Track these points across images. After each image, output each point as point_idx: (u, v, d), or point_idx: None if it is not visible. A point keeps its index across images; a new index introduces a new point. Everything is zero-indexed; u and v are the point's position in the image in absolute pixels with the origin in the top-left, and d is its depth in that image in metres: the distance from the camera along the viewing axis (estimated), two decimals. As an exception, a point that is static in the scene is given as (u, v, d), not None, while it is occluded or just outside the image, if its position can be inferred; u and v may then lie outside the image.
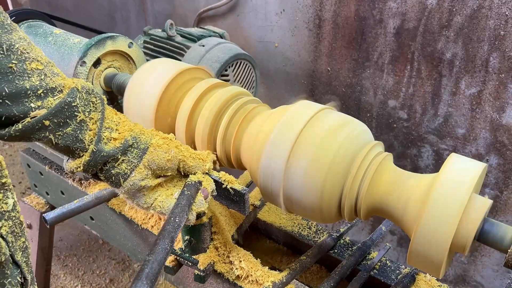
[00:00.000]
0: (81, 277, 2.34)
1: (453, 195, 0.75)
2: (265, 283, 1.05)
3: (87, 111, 0.81)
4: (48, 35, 1.37)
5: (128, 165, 0.85)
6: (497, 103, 1.41)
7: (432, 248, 0.76)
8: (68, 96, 0.78)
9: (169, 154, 0.88)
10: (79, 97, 0.79)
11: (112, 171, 0.84)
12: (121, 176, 0.85)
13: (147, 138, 0.88)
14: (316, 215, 0.94)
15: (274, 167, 0.93)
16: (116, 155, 0.83)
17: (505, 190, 1.52)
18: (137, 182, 0.86)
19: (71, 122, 0.79)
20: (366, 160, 0.89)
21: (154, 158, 0.87)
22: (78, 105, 0.79)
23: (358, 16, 1.58)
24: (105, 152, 0.82)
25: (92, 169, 0.83)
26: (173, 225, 0.79)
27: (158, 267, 0.70)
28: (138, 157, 0.85)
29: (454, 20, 1.39)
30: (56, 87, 0.77)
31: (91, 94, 0.83)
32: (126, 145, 0.84)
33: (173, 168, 0.90)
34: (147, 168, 0.87)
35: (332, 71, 1.75)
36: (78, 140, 0.81)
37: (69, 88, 0.79)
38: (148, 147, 0.87)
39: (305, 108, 0.96)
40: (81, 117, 0.80)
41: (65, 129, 0.79)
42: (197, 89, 1.10)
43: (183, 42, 1.61)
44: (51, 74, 0.78)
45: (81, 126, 0.81)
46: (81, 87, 0.81)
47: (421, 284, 1.10)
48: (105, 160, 0.83)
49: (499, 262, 1.65)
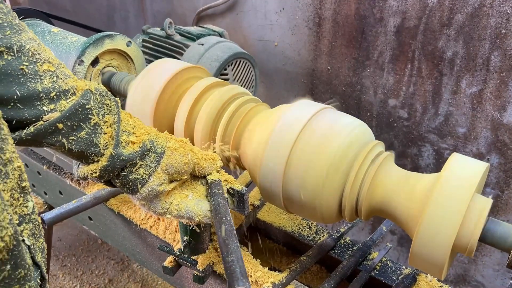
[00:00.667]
0: (80, 277, 2.33)
1: (455, 195, 0.74)
2: (265, 283, 1.04)
3: (101, 114, 0.78)
4: (45, 33, 1.36)
5: (146, 170, 0.81)
6: (498, 102, 1.40)
7: (434, 249, 0.76)
8: (82, 98, 0.75)
9: (186, 157, 0.86)
10: (93, 99, 0.76)
11: (130, 176, 0.81)
12: (138, 182, 0.81)
13: (164, 142, 0.85)
14: (316, 215, 0.93)
15: (274, 167, 0.92)
16: (135, 160, 0.80)
17: (506, 189, 1.51)
18: (156, 188, 0.83)
19: (85, 126, 0.76)
20: (367, 160, 0.88)
21: (172, 162, 0.84)
22: (92, 108, 0.76)
23: (358, 14, 1.57)
24: (124, 156, 0.79)
25: (108, 175, 0.80)
26: (229, 224, 0.77)
27: (243, 264, 0.68)
28: (156, 162, 0.83)
29: (455, 18, 1.38)
30: (69, 89, 0.74)
31: (105, 96, 0.80)
32: (144, 149, 0.81)
33: (188, 171, 0.88)
34: (165, 172, 0.84)
35: (332, 70, 1.74)
36: (93, 144, 0.77)
37: (82, 90, 0.76)
38: (165, 151, 0.84)
39: (305, 107, 0.95)
40: (95, 120, 0.77)
41: (79, 133, 0.76)
42: (196, 88, 1.09)
43: (182, 41, 1.60)
44: (63, 76, 0.75)
45: (96, 129, 0.77)
46: (95, 89, 0.78)
47: (422, 285, 1.09)
48: (123, 165, 0.79)
49: (500, 262, 1.64)
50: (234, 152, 1.05)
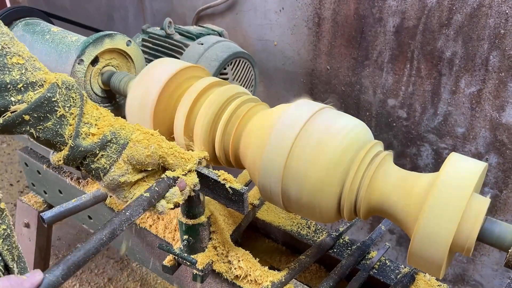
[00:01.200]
0: (79, 276, 2.33)
1: (454, 195, 0.75)
2: (264, 282, 1.05)
3: (67, 106, 0.82)
4: (45, 33, 1.36)
5: (108, 160, 0.86)
6: (497, 102, 1.41)
7: (433, 248, 0.76)
8: (48, 91, 0.79)
9: (148, 149, 0.88)
10: (59, 92, 0.81)
11: (91, 165, 0.86)
12: (100, 171, 0.86)
13: (127, 133, 0.88)
14: (315, 215, 0.94)
15: (273, 166, 0.92)
16: (94, 150, 0.84)
17: (504, 189, 1.51)
18: (117, 178, 0.87)
19: (51, 117, 0.80)
20: (366, 160, 0.88)
21: (133, 153, 0.87)
22: (58, 100, 0.81)
23: (357, 14, 1.57)
24: (83, 147, 0.83)
25: (72, 163, 0.85)
26: (121, 218, 0.78)
27: (83, 257, 0.69)
28: (117, 152, 0.86)
29: (454, 18, 1.38)
30: (37, 81, 0.79)
31: (71, 90, 0.83)
32: (104, 140, 0.85)
33: (153, 163, 0.90)
34: (127, 163, 0.87)
35: (331, 70, 1.74)
36: (58, 134, 0.82)
37: (50, 83, 0.80)
38: (128, 142, 0.87)
39: (305, 106, 0.96)
40: (61, 112, 0.81)
41: (46, 123, 0.80)
42: (195, 88, 1.09)
43: (182, 40, 1.60)
44: (33, 69, 0.79)
45: (61, 121, 0.82)
46: (62, 82, 0.82)
47: (421, 284, 1.09)
48: (83, 155, 0.84)
49: (499, 262, 1.65)
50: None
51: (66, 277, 0.66)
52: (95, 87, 1.31)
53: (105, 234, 0.74)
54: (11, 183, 2.94)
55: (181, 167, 0.93)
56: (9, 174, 3.02)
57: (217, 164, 1.13)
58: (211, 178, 0.95)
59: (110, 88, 1.30)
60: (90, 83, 1.30)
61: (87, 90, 1.29)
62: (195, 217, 1.05)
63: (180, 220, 1.06)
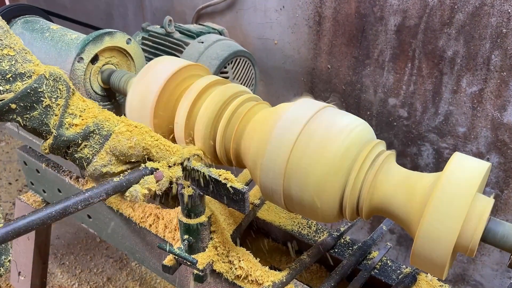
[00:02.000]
0: (78, 276, 2.32)
1: (457, 195, 0.74)
2: (265, 283, 1.04)
3: (54, 97, 0.86)
4: (45, 30, 1.35)
5: (90, 150, 0.89)
6: (498, 102, 1.40)
7: (436, 248, 0.75)
8: (35, 82, 0.83)
9: (131, 141, 0.90)
10: (45, 83, 0.85)
11: (75, 155, 0.90)
12: (84, 160, 0.90)
13: (111, 125, 0.91)
14: (317, 214, 0.93)
15: (274, 165, 0.91)
16: (77, 140, 0.88)
17: (505, 189, 1.51)
18: (99, 168, 0.90)
19: (38, 107, 0.85)
20: (368, 159, 0.88)
21: (116, 144, 0.90)
22: (44, 91, 0.85)
23: (358, 13, 1.57)
24: (65, 137, 0.87)
25: (56, 152, 0.89)
26: (77, 198, 0.78)
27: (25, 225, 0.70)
28: (99, 143, 0.90)
29: (456, 17, 1.38)
30: (26, 72, 0.83)
31: (58, 82, 0.87)
32: (87, 131, 0.88)
33: (137, 155, 0.92)
34: (109, 154, 0.90)
35: (332, 69, 1.74)
36: (44, 124, 0.86)
37: (38, 74, 0.84)
38: (111, 134, 0.90)
39: (307, 105, 0.95)
40: (47, 102, 0.86)
41: (32, 112, 0.85)
42: (196, 86, 1.08)
43: (182, 38, 1.59)
44: (23, 61, 0.84)
45: (47, 111, 0.86)
46: (49, 74, 0.86)
47: (422, 284, 1.09)
48: (66, 145, 0.88)
49: (499, 262, 1.65)
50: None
51: (2, 241, 0.68)
52: (94, 86, 1.30)
53: (56, 209, 0.75)
54: (10, 181, 2.93)
55: (166, 159, 0.94)
56: (8, 173, 3.01)
57: (218, 163, 1.12)
58: (212, 177, 0.94)
59: (110, 86, 1.29)
60: (90, 81, 1.29)
61: (86, 89, 1.28)
62: (196, 217, 1.04)
63: (180, 219, 1.05)
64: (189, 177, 0.98)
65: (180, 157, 0.95)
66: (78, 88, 1.26)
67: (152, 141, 0.93)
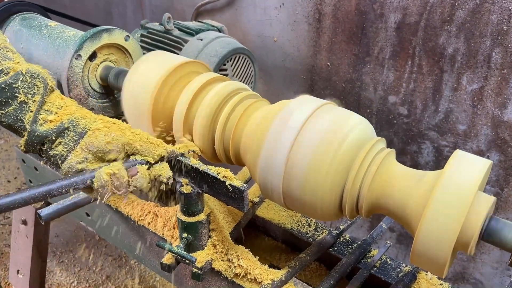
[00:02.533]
0: (77, 274, 2.32)
1: (458, 193, 0.73)
2: (264, 281, 1.04)
3: (30, 94, 0.87)
4: (43, 27, 1.34)
5: (65, 148, 0.88)
6: (499, 99, 1.39)
7: (436, 247, 0.75)
8: (11, 78, 0.85)
9: (108, 136, 0.89)
10: (21, 79, 0.86)
11: (50, 152, 0.89)
12: (58, 158, 0.89)
13: (87, 123, 0.90)
14: (316, 212, 0.92)
15: (274, 163, 0.91)
16: (50, 137, 0.87)
17: (506, 187, 1.50)
18: (74, 165, 0.88)
19: (13, 102, 0.86)
20: (369, 157, 0.87)
21: (92, 141, 0.88)
22: (19, 87, 0.86)
23: (358, 10, 1.56)
24: (39, 133, 0.87)
25: (31, 149, 0.89)
26: (44, 188, 0.80)
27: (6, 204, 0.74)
28: (74, 140, 0.88)
29: (456, 14, 1.37)
30: (3, 69, 0.85)
31: (36, 78, 0.88)
32: (61, 127, 0.88)
33: (116, 151, 0.90)
34: (85, 151, 0.88)
35: (332, 66, 1.73)
36: (19, 119, 0.87)
37: (16, 71, 0.86)
38: (87, 131, 0.89)
39: (306, 103, 0.94)
40: (22, 98, 0.86)
41: (7, 108, 0.86)
42: (195, 83, 1.07)
43: (181, 36, 1.59)
44: (2, 58, 0.86)
45: (22, 107, 0.87)
46: (26, 70, 0.87)
47: (422, 283, 1.09)
48: (40, 141, 0.88)
49: (499, 260, 1.64)
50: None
51: None
52: (93, 83, 1.30)
53: (40, 191, 0.79)
54: (9, 179, 2.92)
55: (151, 152, 0.92)
56: (7, 171, 3.00)
57: (217, 161, 1.11)
58: (210, 175, 0.93)
59: (108, 83, 1.28)
60: (88, 79, 1.28)
61: (84, 86, 1.27)
62: (194, 215, 1.03)
63: (179, 217, 1.05)
64: (187, 175, 0.98)
65: (164, 150, 0.93)
66: (76, 85, 1.25)
67: (133, 135, 0.92)
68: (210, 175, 0.93)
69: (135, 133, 0.92)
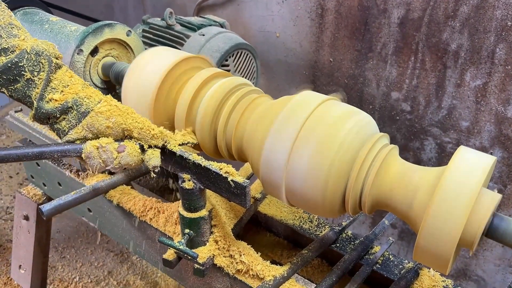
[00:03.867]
0: (79, 269, 2.32)
1: (462, 189, 0.73)
2: (266, 277, 1.03)
3: (36, 71, 0.92)
4: (44, 22, 1.34)
5: (67, 124, 0.94)
6: (502, 96, 1.39)
7: (440, 243, 0.74)
8: (16, 57, 0.90)
9: (109, 121, 0.94)
10: (26, 58, 0.91)
11: (54, 125, 0.96)
12: (61, 132, 0.95)
13: (92, 103, 0.95)
14: (319, 209, 0.92)
15: (276, 159, 0.90)
16: (55, 114, 0.93)
17: (509, 184, 1.50)
18: (72, 140, 0.95)
19: (20, 79, 0.91)
20: (372, 152, 0.86)
21: (93, 122, 0.93)
22: (24, 65, 0.91)
23: (361, 5, 1.55)
24: (45, 110, 0.93)
25: (39, 122, 0.96)
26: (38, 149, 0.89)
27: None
28: (76, 119, 0.94)
29: (460, 10, 1.36)
30: (9, 47, 0.90)
31: (40, 56, 0.92)
32: (65, 106, 0.93)
33: (115, 135, 0.95)
34: (86, 130, 0.94)
35: (334, 62, 1.72)
36: (27, 95, 0.93)
37: (21, 49, 0.90)
38: (90, 112, 0.94)
39: (309, 98, 0.94)
40: (28, 76, 0.91)
41: (15, 85, 0.92)
42: (198, 78, 1.07)
43: (183, 31, 1.58)
44: (7, 36, 0.90)
45: (29, 84, 0.92)
46: (31, 48, 0.91)
47: (425, 279, 1.08)
48: (46, 116, 0.94)
49: (501, 257, 1.64)
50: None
51: None
52: (94, 78, 1.29)
53: (34, 151, 0.87)
54: (11, 175, 2.93)
55: (148, 142, 0.96)
56: (8, 166, 3.00)
57: (219, 156, 1.11)
58: (212, 171, 0.93)
59: (110, 78, 1.28)
60: (90, 74, 1.28)
61: (86, 81, 1.27)
62: (196, 211, 1.03)
63: (181, 213, 1.04)
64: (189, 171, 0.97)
65: (162, 141, 0.96)
66: (77, 81, 1.25)
67: (134, 123, 0.95)
68: (212, 171, 0.93)
69: (136, 119, 0.96)
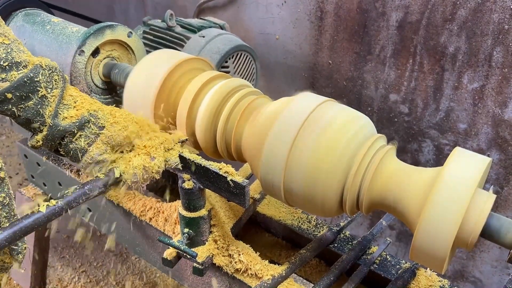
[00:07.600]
0: (78, 269, 2.33)
1: (458, 190, 0.74)
2: (264, 276, 1.04)
3: (50, 88, 0.87)
4: (46, 23, 1.35)
5: (86, 140, 0.90)
6: (499, 98, 1.40)
7: (436, 243, 0.75)
8: (31, 72, 0.83)
9: (126, 131, 0.92)
10: (42, 73, 0.85)
11: (70, 145, 0.90)
12: (79, 151, 0.90)
13: (105, 116, 0.92)
14: (317, 209, 0.93)
15: (275, 159, 0.91)
16: (73, 130, 0.88)
17: (506, 186, 1.51)
18: (96, 157, 0.90)
19: (33, 96, 0.84)
20: (369, 153, 0.88)
21: (112, 134, 0.91)
22: (40, 81, 0.85)
23: (360, 8, 1.56)
24: (61, 127, 0.87)
25: (50, 144, 0.89)
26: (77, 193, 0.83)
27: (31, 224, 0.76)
28: (95, 133, 0.90)
29: (458, 13, 1.37)
30: (21, 62, 0.83)
31: (54, 72, 0.88)
32: (83, 120, 0.89)
33: (129, 144, 0.93)
34: (105, 143, 0.91)
35: (333, 64, 1.73)
36: (39, 114, 0.86)
37: (34, 64, 0.84)
38: (105, 124, 0.91)
39: (308, 99, 0.95)
40: (43, 92, 0.85)
41: (27, 102, 0.84)
42: (198, 80, 1.08)
43: (183, 32, 1.59)
44: (18, 50, 0.83)
45: (43, 101, 0.86)
46: (45, 64, 0.86)
47: (422, 279, 1.09)
48: (62, 135, 0.88)
49: (498, 258, 1.65)
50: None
51: (11, 241, 0.71)
52: (95, 79, 1.30)
53: (59, 205, 0.80)
54: (10, 175, 2.93)
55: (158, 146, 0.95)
56: (8, 166, 3.01)
57: (219, 157, 1.12)
58: (212, 171, 0.94)
59: (111, 79, 1.29)
60: (91, 75, 1.29)
61: (87, 82, 1.28)
62: (196, 210, 1.04)
63: (180, 213, 1.05)
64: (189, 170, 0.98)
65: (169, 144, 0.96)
66: (79, 81, 1.26)
67: (149, 129, 0.95)
68: (211, 171, 0.94)
69: (151, 127, 0.96)
